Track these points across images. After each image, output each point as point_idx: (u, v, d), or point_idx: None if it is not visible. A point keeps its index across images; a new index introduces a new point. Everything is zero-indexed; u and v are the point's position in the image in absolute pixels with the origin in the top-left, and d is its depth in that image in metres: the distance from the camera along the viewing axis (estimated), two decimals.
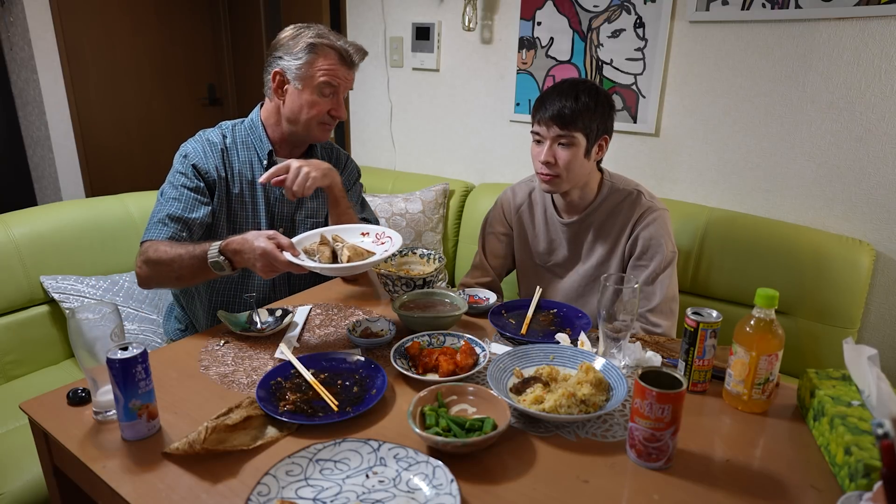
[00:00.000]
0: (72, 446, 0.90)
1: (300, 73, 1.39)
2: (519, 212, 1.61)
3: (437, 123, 2.58)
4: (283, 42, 1.41)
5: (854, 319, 1.65)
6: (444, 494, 0.78)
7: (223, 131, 1.49)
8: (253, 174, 1.47)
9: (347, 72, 1.43)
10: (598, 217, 1.49)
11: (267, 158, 1.46)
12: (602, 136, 1.40)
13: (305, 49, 1.37)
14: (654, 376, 0.85)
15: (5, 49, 2.83)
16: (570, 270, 1.56)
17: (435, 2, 2.42)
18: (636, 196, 1.46)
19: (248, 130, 1.50)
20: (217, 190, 1.43)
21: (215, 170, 1.42)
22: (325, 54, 1.39)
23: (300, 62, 1.38)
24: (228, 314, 1.31)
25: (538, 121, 1.38)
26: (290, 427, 0.94)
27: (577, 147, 1.36)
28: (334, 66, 1.40)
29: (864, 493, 0.69)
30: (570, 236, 1.53)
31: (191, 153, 1.42)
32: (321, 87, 1.40)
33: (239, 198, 1.46)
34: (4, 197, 2.92)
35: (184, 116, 3.38)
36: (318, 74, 1.39)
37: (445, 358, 1.07)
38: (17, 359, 1.70)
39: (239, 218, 1.47)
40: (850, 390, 0.94)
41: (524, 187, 1.62)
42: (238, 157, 1.47)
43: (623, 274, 1.13)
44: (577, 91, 1.35)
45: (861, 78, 1.65)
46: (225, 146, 1.46)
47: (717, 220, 1.81)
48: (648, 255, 1.42)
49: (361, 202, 1.66)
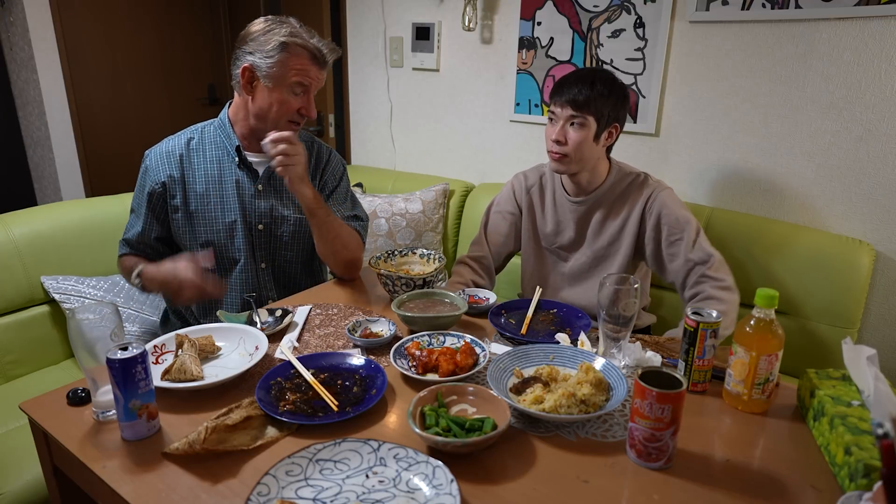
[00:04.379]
0: (72, 446, 0.90)
1: (271, 72, 1.37)
2: (529, 192, 1.65)
3: (437, 123, 2.58)
4: (253, 37, 1.38)
5: (854, 319, 1.65)
6: (444, 494, 0.78)
7: (191, 133, 1.52)
8: (221, 172, 1.48)
9: (319, 71, 1.42)
10: (607, 198, 1.54)
11: (236, 154, 1.47)
12: (612, 124, 1.46)
13: (278, 48, 1.35)
14: (654, 376, 0.85)
15: (5, 49, 2.83)
16: (575, 252, 1.60)
17: (435, 2, 2.42)
18: (644, 178, 1.53)
19: (218, 129, 1.51)
20: (170, 192, 1.46)
21: (167, 176, 1.46)
22: (298, 53, 1.37)
23: (272, 61, 1.36)
24: (228, 314, 1.31)
25: (555, 101, 1.45)
26: (290, 427, 0.94)
27: (587, 129, 1.42)
28: (306, 65, 1.38)
29: (864, 493, 0.69)
30: (578, 217, 1.57)
31: (148, 164, 1.49)
32: (292, 87, 1.39)
33: (203, 197, 1.47)
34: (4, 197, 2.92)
35: (184, 116, 3.38)
36: (290, 74, 1.37)
37: (445, 358, 1.07)
38: (17, 359, 1.70)
39: (203, 216, 1.47)
40: (850, 390, 0.94)
41: (535, 171, 1.68)
42: (205, 157, 1.49)
43: (624, 275, 1.12)
44: (595, 78, 1.43)
45: (861, 78, 1.65)
46: (187, 149, 1.49)
47: (717, 220, 1.81)
48: (678, 229, 1.46)
49: (351, 198, 1.63)
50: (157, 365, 1.09)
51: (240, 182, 1.48)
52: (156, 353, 1.12)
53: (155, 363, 1.09)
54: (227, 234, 1.48)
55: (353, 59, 2.77)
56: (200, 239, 1.47)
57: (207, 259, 1.40)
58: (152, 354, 1.11)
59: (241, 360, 1.12)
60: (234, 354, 1.15)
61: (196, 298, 1.36)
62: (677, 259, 1.46)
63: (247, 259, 1.49)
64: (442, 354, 1.09)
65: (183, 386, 1.00)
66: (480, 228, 1.71)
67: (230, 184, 1.47)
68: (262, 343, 1.14)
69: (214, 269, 1.49)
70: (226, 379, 1.03)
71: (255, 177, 1.49)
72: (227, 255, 1.50)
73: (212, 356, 1.14)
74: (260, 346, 1.14)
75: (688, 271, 1.45)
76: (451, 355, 1.09)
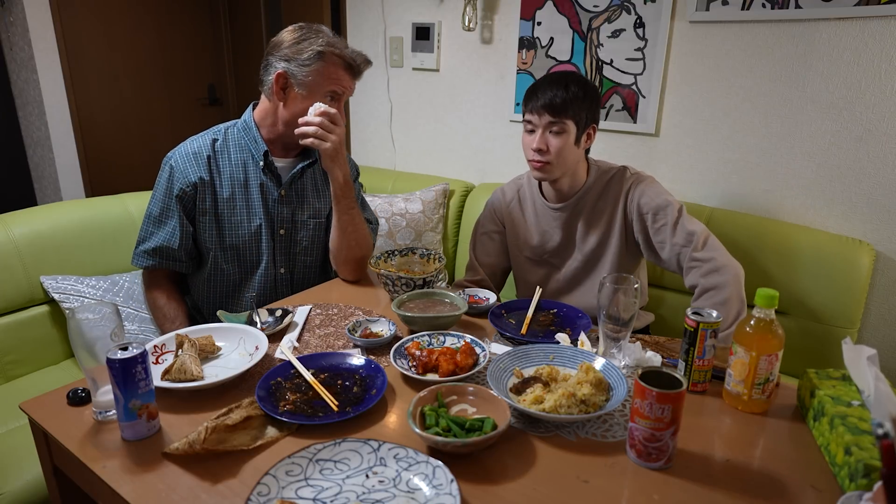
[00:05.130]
0: (72, 446, 0.89)
1: (306, 80, 1.38)
2: (509, 207, 1.63)
3: (437, 123, 2.58)
4: (287, 44, 1.39)
5: (854, 319, 1.64)
6: (444, 494, 0.78)
7: (215, 135, 1.49)
8: (246, 176, 1.46)
9: (352, 80, 1.44)
10: (589, 199, 1.52)
11: (262, 159, 1.46)
12: (590, 125, 1.45)
13: (315, 57, 1.37)
14: (654, 376, 0.85)
15: (5, 49, 2.83)
16: (567, 259, 1.58)
17: (435, 2, 2.42)
18: (621, 171, 1.52)
19: (242, 132, 1.49)
20: (200, 195, 1.43)
21: (198, 178, 1.43)
22: (334, 63, 1.39)
23: (307, 69, 1.37)
24: (228, 314, 1.31)
25: (530, 110, 1.43)
26: (290, 427, 0.94)
27: (567, 134, 1.41)
28: (341, 75, 1.41)
29: (864, 493, 0.69)
30: (563, 222, 1.55)
31: (174, 165, 1.44)
32: (325, 95, 1.40)
33: (229, 200, 1.45)
34: (4, 197, 2.93)
35: (184, 116, 3.38)
36: (326, 83, 1.39)
37: (445, 358, 1.07)
38: (17, 359, 1.70)
39: (230, 220, 1.46)
40: (851, 390, 0.94)
41: (512, 185, 1.65)
42: (230, 160, 1.47)
43: (623, 275, 1.12)
44: (567, 81, 1.40)
45: (861, 78, 1.65)
46: (213, 151, 1.46)
47: (717, 220, 1.81)
48: (661, 214, 1.44)
49: (362, 202, 1.66)
50: (157, 365, 1.09)
51: (264, 186, 1.47)
52: (156, 353, 1.12)
53: (155, 363, 1.09)
54: (253, 239, 1.48)
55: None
56: (225, 243, 1.47)
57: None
58: (152, 354, 1.11)
59: (241, 360, 1.12)
60: (234, 354, 1.15)
61: None
62: (666, 246, 1.43)
63: (268, 263, 1.50)
64: (442, 354, 1.09)
65: (183, 386, 1.00)
66: (470, 253, 1.69)
67: (255, 188, 1.47)
68: (262, 343, 1.14)
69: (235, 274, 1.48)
70: (226, 379, 1.03)
71: (278, 181, 1.49)
72: (251, 259, 1.49)
73: (212, 356, 1.14)
74: (260, 346, 1.14)
75: (677, 257, 1.42)
76: (451, 355, 1.09)
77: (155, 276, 1.51)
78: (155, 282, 1.51)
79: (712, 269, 1.36)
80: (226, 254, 1.48)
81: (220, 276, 1.50)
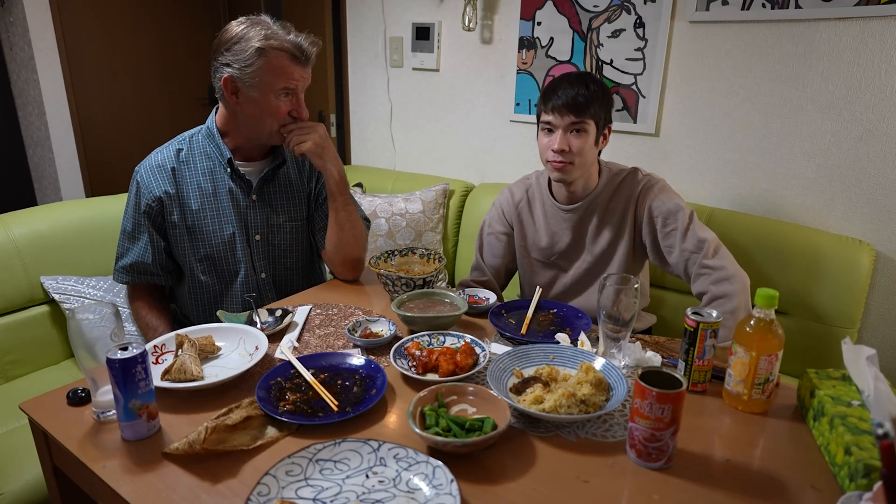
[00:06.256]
0: (72, 446, 0.90)
1: (253, 82, 1.30)
2: (518, 208, 1.60)
3: (437, 123, 2.58)
4: (227, 45, 1.31)
5: (854, 319, 1.64)
6: (444, 494, 0.78)
7: (179, 145, 1.45)
8: (215, 184, 1.43)
9: (303, 70, 1.35)
10: (601, 201, 1.50)
11: (228, 166, 1.42)
12: (607, 125, 1.45)
13: (255, 54, 1.28)
14: (654, 376, 0.85)
15: (5, 49, 2.83)
16: (575, 262, 1.56)
17: (435, 2, 2.42)
18: (633, 172, 1.50)
19: (207, 139, 1.45)
20: (168, 209, 1.41)
21: (163, 192, 1.40)
22: (277, 57, 1.30)
23: (251, 69, 1.29)
24: (228, 314, 1.31)
25: (550, 109, 1.39)
26: (290, 427, 0.94)
27: (588, 134, 1.39)
28: (288, 67, 1.31)
29: (864, 493, 0.69)
30: (573, 224, 1.53)
31: (139, 180, 1.42)
32: (278, 92, 1.33)
33: (199, 212, 1.42)
34: (4, 197, 2.93)
35: (183, 116, 3.38)
36: (273, 80, 1.31)
37: (445, 358, 1.07)
38: (17, 359, 1.70)
39: (202, 231, 1.43)
40: (850, 390, 0.94)
41: (520, 186, 1.63)
42: (196, 169, 1.43)
43: (624, 275, 1.12)
44: (587, 80, 1.39)
45: (861, 78, 1.65)
46: (178, 162, 1.42)
47: (717, 220, 1.81)
48: (672, 219, 1.43)
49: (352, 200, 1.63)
50: (157, 365, 1.09)
51: (233, 193, 1.44)
52: (156, 353, 1.12)
53: (155, 363, 1.09)
54: (227, 247, 1.45)
55: (354, 59, 2.77)
56: (200, 253, 1.44)
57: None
58: (152, 354, 1.11)
59: (241, 360, 1.12)
60: (234, 354, 1.15)
61: None
62: (674, 251, 1.42)
63: (247, 270, 1.48)
64: (442, 354, 1.09)
65: (183, 386, 1.00)
66: (476, 253, 1.67)
67: (224, 196, 1.43)
68: (262, 343, 1.14)
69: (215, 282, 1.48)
70: (226, 379, 1.03)
71: (248, 187, 1.46)
72: (228, 268, 1.47)
73: (212, 356, 1.14)
74: (260, 346, 1.14)
75: (686, 262, 1.41)
76: (451, 355, 1.09)
77: (136, 288, 1.50)
78: (136, 294, 1.49)
79: (723, 278, 1.35)
80: (202, 265, 1.45)
81: (199, 287, 1.48)
